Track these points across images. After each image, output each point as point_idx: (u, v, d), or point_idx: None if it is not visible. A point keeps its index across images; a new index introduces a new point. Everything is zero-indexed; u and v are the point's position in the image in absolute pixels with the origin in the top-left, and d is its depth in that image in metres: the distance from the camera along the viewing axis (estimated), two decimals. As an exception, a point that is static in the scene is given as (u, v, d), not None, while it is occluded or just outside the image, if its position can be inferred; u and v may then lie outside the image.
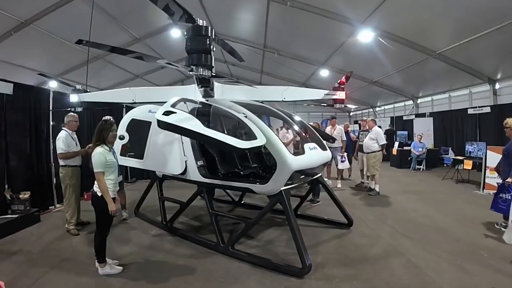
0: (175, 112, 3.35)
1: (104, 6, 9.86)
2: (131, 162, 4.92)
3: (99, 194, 3.50)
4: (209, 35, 2.77)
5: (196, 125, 3.18)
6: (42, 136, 6.33)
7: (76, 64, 12.98)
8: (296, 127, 4.90)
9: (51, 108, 6.49)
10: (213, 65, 2.91)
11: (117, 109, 8.77)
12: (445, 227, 5.01)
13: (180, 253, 4.20)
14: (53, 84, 11.33)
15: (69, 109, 5.64)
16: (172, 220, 5.00)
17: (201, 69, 2.97)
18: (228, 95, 4.91)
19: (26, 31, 9.86)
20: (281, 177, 3.75)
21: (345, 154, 8.38)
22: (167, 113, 3.31)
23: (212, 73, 3.19)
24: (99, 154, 3.48)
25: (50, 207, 6.32)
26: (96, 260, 3.63)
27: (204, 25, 2.91)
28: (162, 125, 3.18)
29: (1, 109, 5.47)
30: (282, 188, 3.81)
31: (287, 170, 3.70)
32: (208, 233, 4.70)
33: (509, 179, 4.56)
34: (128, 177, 9.67)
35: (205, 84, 3.88)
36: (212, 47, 2.82)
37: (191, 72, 2.90)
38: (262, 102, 5.05)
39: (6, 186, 5.45)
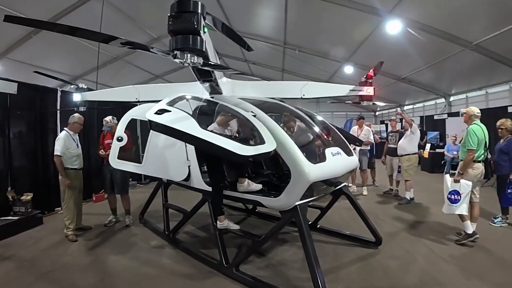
0: (170, 111, 2.85)
1: (121, 6, 9.66)
2: (129, 166, 4.47)
3: None
4: (198, 11, 2.19)
5: (190, 126, 2.65)
6: (49, 137, 6.13)
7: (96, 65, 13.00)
8: (316, 129, 4.22)
9: (58, 107, 6.29)
10: (204, 50, 2.30)
11: (128, 108, 8.49)
12: (493, 250, 4.16)
13: (178, 271, 3.70)
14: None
15: (73, 108, 5.37)
16: (175, 230, 4.53)
17: (189, 55, 2.32)
18: (239, 91, 4.38)
19: (45, 33, 9.71)
20: (296, 189, 3.13)
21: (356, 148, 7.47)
22: (160, 112, 2.81)
23: (209, 62, 2.62)
24: None
25: (56, 209, 6.11)
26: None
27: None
28: (152, 125, 2.68)
29: (4, 109, 5.36)
30: (297, 203, 3.18)
31: (304, 182, 3.07)
32: (214, 247, 4.09)
33: None
34: (142, 178, 9.34)
35: (207, 77, 3.33)
36: (202, 26, 2.24)
37: (175, 59, 2.33)
38: (282, 100, 4.48)
39: (10, 188, 5.33)
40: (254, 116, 3.32)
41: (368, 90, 3.99)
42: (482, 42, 8.80)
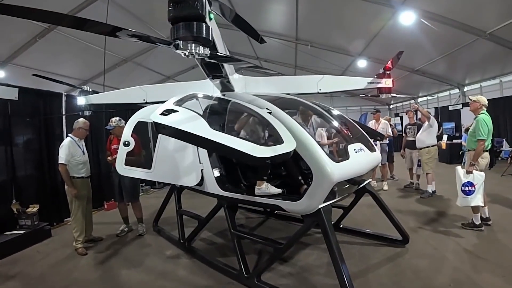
0: (177, 111, 2.61)
1: (129, 7, 9.56)
2: (138, 172, 4.22)
3: None
4: None
5: (199, 127, 2.40)
6: (55, 144, 5.80)
7: (106, 67, 12.90)
8: (336, 124, 3.95)
9: (63, 112, 6.10)
10: (211, 38, 2.02)
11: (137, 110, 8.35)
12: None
13: (196, 283, 3.46)
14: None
15: (78, 113, 5.18)
16: (191, 238, 4.31)
17: (193, 45, 2.02)
18: (252, 88, 4.15)
19: (51, 36, 9.68)
20: (319, 191, 2.86)
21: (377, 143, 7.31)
22: (167, 112, 2.57)
23: (217, 53, 2.36)
24: None
25: (66, 219, 5.82)
26: None
27: None
28: (158, 128, 2.45)
29: (5, 116, 5.09)
30: (320, 206, 2.91)
31: (327, 183, 2.80)
32: (232, 254, 3.84)
33: None
34: (156, 182, 9.15)
35: (216, 73, 3.08)
36: (207, 12, 1.98)
37: (177, 50, 2.07)
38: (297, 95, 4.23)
39: (14, 200, 5.07)
40: (270, 113, 3.07)
41: (386, 82, 3.81)
42: (496, 31, 8.57)
